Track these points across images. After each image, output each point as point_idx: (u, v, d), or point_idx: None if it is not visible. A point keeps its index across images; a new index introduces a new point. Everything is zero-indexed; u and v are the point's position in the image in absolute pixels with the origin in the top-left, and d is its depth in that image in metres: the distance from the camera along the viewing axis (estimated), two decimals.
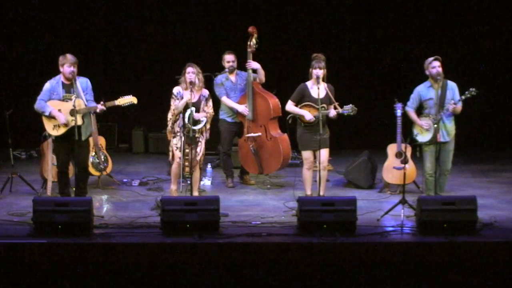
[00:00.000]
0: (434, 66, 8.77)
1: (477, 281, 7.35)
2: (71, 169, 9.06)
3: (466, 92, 8.66)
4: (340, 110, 8.81)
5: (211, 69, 10.20)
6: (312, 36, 12.90)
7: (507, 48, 12.90)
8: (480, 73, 12.74)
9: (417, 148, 9.09)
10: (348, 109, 8.78)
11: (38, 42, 12.89)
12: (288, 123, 9.11)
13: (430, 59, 8.82)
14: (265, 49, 10.48)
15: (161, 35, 13.12)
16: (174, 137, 9.00)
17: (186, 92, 8.91)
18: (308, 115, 8.87)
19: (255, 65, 9.92)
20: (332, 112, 8.82)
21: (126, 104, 8.80)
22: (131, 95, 8.79)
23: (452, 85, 8.88)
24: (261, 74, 9.99)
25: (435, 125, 8.69)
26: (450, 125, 8.87)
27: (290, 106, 9.02)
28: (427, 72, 8.86)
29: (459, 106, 8.80)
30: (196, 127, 8.89)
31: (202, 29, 13.01)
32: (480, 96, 8.87)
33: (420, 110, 8.97)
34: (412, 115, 8.96)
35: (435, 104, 8.77)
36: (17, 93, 12.60)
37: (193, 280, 7.36)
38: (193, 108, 8.82)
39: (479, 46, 12.93)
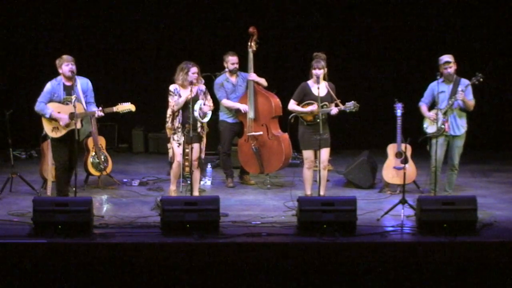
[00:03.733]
0: (446, 67, 8.93)
1: (477, 281, 7.35)
2: None
3: (473, 78, 8.86)
4: (342, 107, 8.81)
5: (210, 69, 10.19)
6: (312, 36, 12.90)
7: (507, 47, 12.90)
8: (480, 73, 12.73)
9: (428, 142, 9.12)
10: (350, 106, 8.77)
11: (38, 42, 12.88)
12: (290, 122, 9.11)
13: (441, 60, 8.91)
14: (266, 49, 10.48)
15: (161, 35, 13.12)
16: (174, 133, 8.98)
17: (184, 90, 8.90)
18: (312, 108, 8.83)
19: (256, 77, 9.93)
20: (334, 110, 8.80)
21: (124, 111, 8.80)
22: (129, 103, 8.79)
23: (464, 81, 9.01)
24: (263, 82, 10.01)
25: (444, 115, 8.79)
26: (460, 121, 8.97)
27: (292, 105, 9.02)
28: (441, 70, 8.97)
29: (469, 100, 8.86)
30: (204, 120, 8.88)
31: (202, 29, 13.01)
32: (480, 96, 8.90)
33: (433, 106, 9.06)
34: (423, 108, 9.12)
35: (446, 98, 8.88)
36: (17, 93, 12.61)
37: (193, 280, 7.36)
38: (202, 101, 8.83)
39: (479, 45, 12.93)
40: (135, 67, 13.13)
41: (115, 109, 8.75)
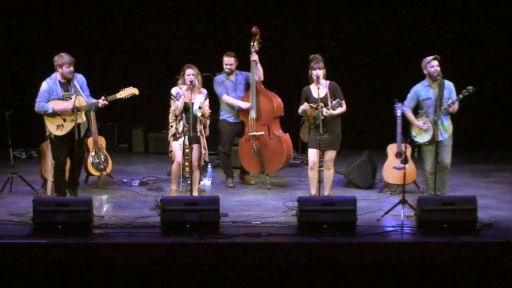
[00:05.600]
0: (433, 65, 8.76)
1: (477, 281, 7.35)
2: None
3: (464, 91, 8.64)
4: (329, 106, 8.77)
5: (211, 69, 10.19)
6: (312, 36, 12.90)
7: (508, 47, 12.90)
8: (480, 73, 12.75)
9: (416, 149, 9.10)
10: (334, 104, 8.73)
11: (38, 41, 12.88)
12: (302, 124, 9.13)
13: (429, 58, 8.80)
14: (266, 49, 10.47)
15: (161, 35, 13.12)
16: (179, 137, 8.96)
17: (185, 92, 8.91)
18: (306, 106, 8.86)
19: (257, 58, 9.88)
20: (324, 111, 8.78)
21: (128, 96, 8.78)
22: (132, 87, 8.77)
23: (449, 85, 8.86)
24: (260, 71, 9.97)
25: (434, 125, 8.70)
26: (447, 124, 8.88)
27: (300, 109, 9.04)
28: (425, 72, 8.85)
29: (456, 106, 8.80)
30: (197, 110, 8.85)
31: (202, 29, 13.01)
32: (480, 96, 8.87)
33: (416, 110, 8.97)
34: (410, 115, 8.94)
35: (433, 104, 8.76)
36: (17, 93, 12.61)
37: (193, 280, 7.36)
38: (202, 95, 8.83)
39: (479, 44, 12.94)
40: (135, 67, 13.13)
41: (118, 95, 8.73)
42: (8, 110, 9.73)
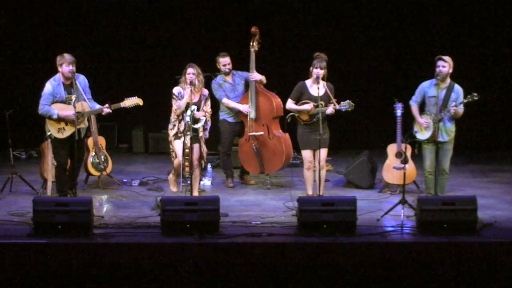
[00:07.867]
0: (438, 65, 8.80)
1: (477, 281, 7.35)
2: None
3: (468, 96, 8.67)
4: (337, 106, 8.79)
5: (211, 70, 10.19)
6: (312, 35, 12.90)
7: (508, 47, 12.90)
8: (481, 73, 12.74)
9: (416, 145, 9.11)
10: (345, 105, 8.75)
11: (38, 42, 12.88)
12: (287, 122, 9.12)
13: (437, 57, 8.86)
14: (266, 48, 10.47)
15: (162, 35, 13.12)
16: (180, 137, 8.97)
17: (186, 92, 8.92)
18: (307, 106, 8.85)
19: (258, 76, 9.89)
20: (329, 109, 8.79)
21: (132, 106, 8.79)
22: (136, 97, 8.78)
23: (458, 89, 8.88)
24: (263, 80, 9.99)
25: (435, 124, 8.71)
26: (450, 126, 8.87)
27: (289, 104, 9.03)
28: None
29: (460, 110, 8.79)
30: (196, 126, 8.89)
31: (202, 29, 13.01)
32: (480, 96, 8.87)
33: (422, 107, 9.00)
34: (414, 111, 8.97)
35: (436, 103, 8.77)
36: (17, 93, 12.61)
37: (193, 280, 7.36)
38: (195, 107, 8.84)
39: (480, 44, 12.94)
40: (135, 67, 13.13)
41: (122, 104, 8.75)
42: (8, 110, 9.73)
